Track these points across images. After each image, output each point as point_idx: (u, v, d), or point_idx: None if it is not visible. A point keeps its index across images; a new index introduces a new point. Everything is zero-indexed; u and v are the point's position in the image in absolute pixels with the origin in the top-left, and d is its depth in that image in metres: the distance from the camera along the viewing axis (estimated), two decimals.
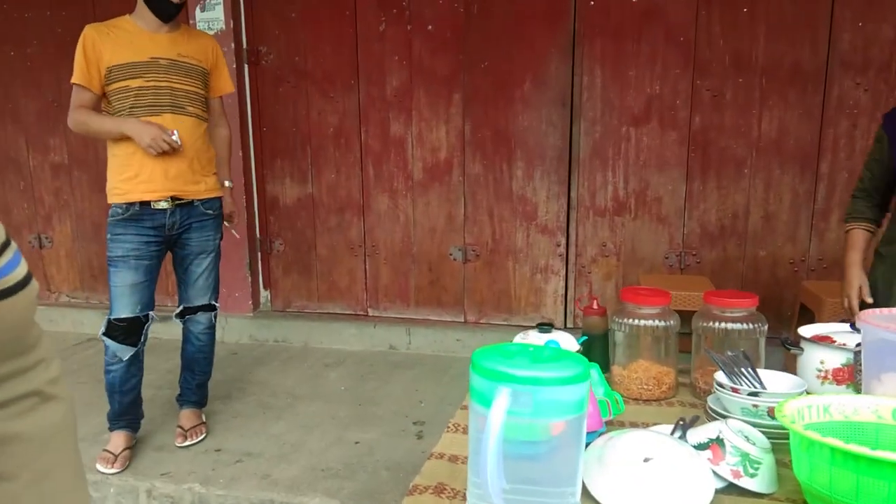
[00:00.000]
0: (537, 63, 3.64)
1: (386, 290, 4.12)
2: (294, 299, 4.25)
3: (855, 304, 2.06)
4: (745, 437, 1.18)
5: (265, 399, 3.26)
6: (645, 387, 1.62)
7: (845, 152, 3.37)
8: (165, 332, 3.95)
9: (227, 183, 2.81)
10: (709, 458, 1.15)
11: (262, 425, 2.97)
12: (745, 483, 1.12)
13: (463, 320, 4.03)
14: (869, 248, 2.19)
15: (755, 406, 1.30)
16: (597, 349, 1.83)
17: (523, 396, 0.90)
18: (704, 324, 1.62)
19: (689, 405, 1.58)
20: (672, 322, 1.64)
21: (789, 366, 1.76)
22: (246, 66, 4.00)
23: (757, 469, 1.13)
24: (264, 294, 4.28)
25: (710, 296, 1.62)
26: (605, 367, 1.73)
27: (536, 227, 3.84)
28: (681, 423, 1.30)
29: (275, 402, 3.22)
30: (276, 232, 4.19)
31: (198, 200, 2.62)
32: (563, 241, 3.82)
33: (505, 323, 3.96)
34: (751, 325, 1.58)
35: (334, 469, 2.56)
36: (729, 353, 1.48)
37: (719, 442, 1.16)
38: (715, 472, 1.13)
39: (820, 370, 1.58)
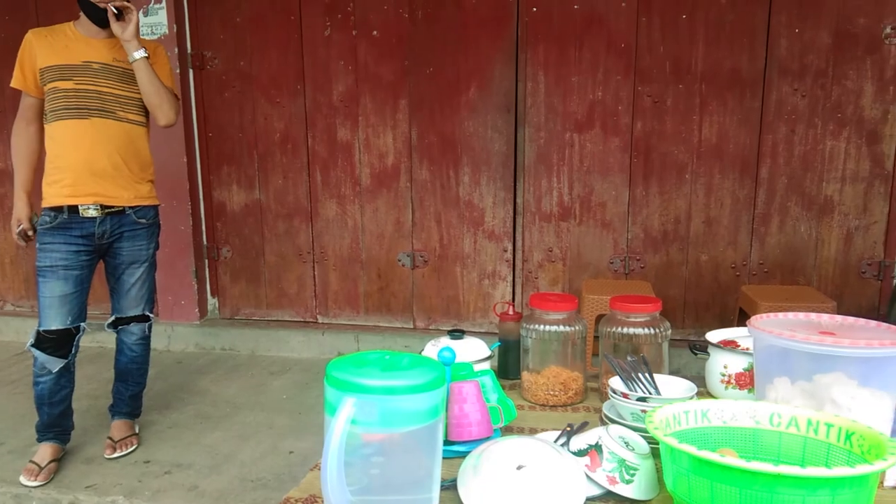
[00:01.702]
0: (482, 69, 3.64)
1: (335, 297, 4.08)
2: (242, 307, 4.20)
3: None
4: (625, 442, 1.17)
5: (204, 409, 3.21)
6: (551, 392, 1.61)
7: (784, 157, 3.42)
8: (110, 341, 3.87)
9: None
10: (587, 465, 1.14)
11: (196, 436, 2.92)
12: (620, 489, 1.12)
13: (412, 326, 4.01)
14: None
15: (643, 411, 1.30)
16: (512, 355, 1.83)
17: (369, 406, 0.89)
18: (609, 329, 1.62)
19: (594, 410, 1.58)
20: (578, 327, 1.64)
21: None
22: (190, 70, 3.95)
23: (633, 475, 1.13)
24: (212, 302, 4.22)
25: (615, 301, 1.62)
26: (519, 373, 1.73)
27: (484, 233, 3.84)
28: (567, 429, 1.30)
29: (214, 412, 3.17)
30: (223, 238, 4.14)
31: (129, 208, 2.57)
32: (510, 247, 3.83)
33: (454, 329, 3.93)
34: (653, 330, 1.58)
35: (264, 479, 2.52)
36: (629, 359, 1.48)
37: (597, 448, 1.16)
38: (591, 479, 1.13)
39: (724, 375, 1.59)
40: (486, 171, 3.77)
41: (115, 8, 2.42)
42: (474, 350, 1.70)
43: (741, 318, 3.30)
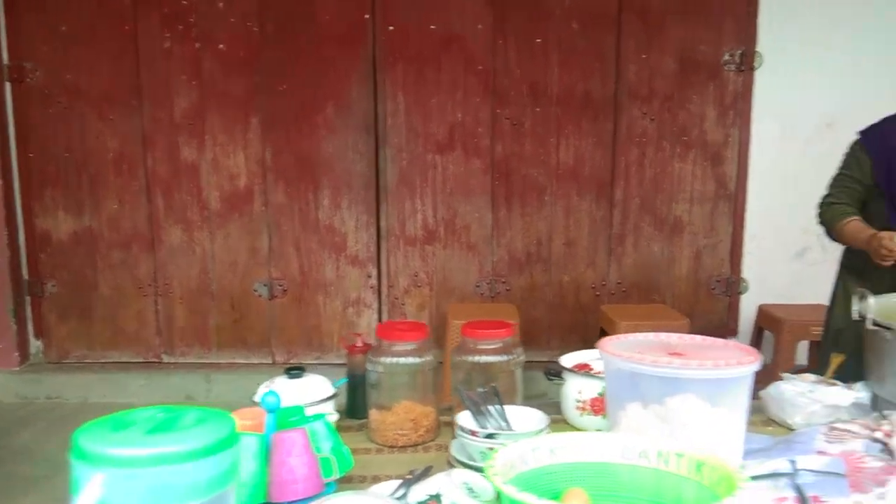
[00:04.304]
0: (340, 87, 3.49)
1: (182, 333, 3.72)
2: (72, 348, 3.72)
3: (889, 242, 1.66)
4: (469, 489, 1.03)
5: (18, 468, 2.77)
6: (401, 432, 1.45)
7: (636, 179, 3.52)
8: None
9: None
10: None
11: (7, 502, 2.49)
12: None
13: (271, 361, 3.72)
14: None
15: (491, 449, 1.17)
16: (362, 392, 1.65)
17: (128, 483, 0.68)
18: (461, 357, 1.48)
19: (446, 449, 1.43)
20: (429, 358, 1.49)
21: None
22: (8, 83, 3.50)
23: None
24: (35, 344, 3.71)
25: (467, 328, 1.50)
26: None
27: (346, 259, 3.65)
28: (409, 476, 1.14)
29: (29, 472, 2.73)
30: (48, 272, 3.66)
31: None
32: (375, 273, 3.66)
33: (317, 362, 3.70)
34: (506, 357, 1.46)
35: None
36: (480, 390, 1.35)
37: (437, 498, 1.01)
38: None
39: (579, 401, 1.50)
40: (347, 194, 3.59)
41: None
42: (315, 389, 1.50)
43: (602, 338, 3.33)
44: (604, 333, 3.30)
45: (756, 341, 3.43)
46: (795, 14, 3.31)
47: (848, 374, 1.54)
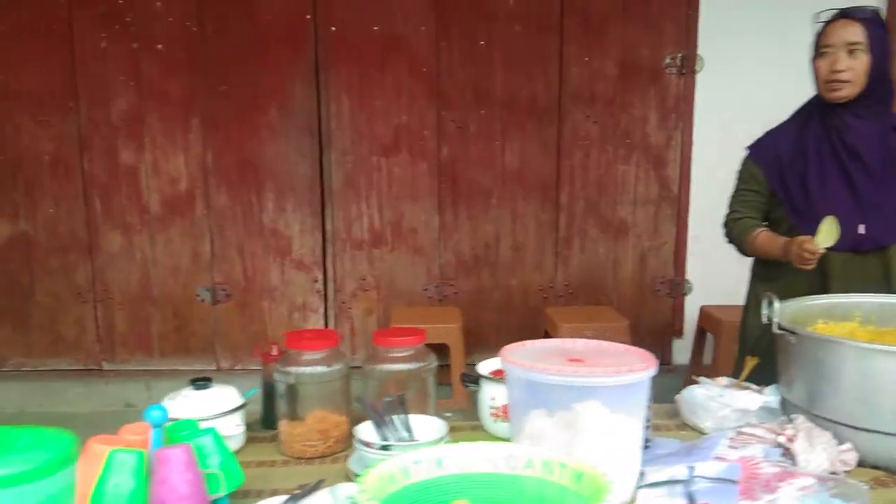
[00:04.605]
0: (282, 88, 3.44)
1: (124, 340, 3.63)
2: (8, 356, 3.60)
3: (810, 245, 1.60)
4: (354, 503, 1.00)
5: None
6: (309, 443, 1.42)
7: (581, 182, 3.53)
8: None
9: None
10: None
11: None
12: None
13: (216, 368, 3.65)
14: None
15: None
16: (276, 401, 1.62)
17: None
18: (371, 366, 1.46)
19: None
20: (338, 367, 1.47)
21: None
22: None
23: None
24: None
25: (377, 336, 1.47)
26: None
27: (292, 263, 3.60)
28: (297, 491, 1.11)
29: None
30: None
31: None
32: (321, 277, 3.62)
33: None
34: (417, 365, 1.44)
35: None
36: (386, 400, 1.33)
37: None
38: None
39: (493, 408, 1.49)
40: (291, 197, 3.54)
41: None
42: (221, 400, 1.47)
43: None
44: (548, 336, 3.31)
45: (699, 342, 3.47)
46: (734, 18, 3.36)
47: (764, 378, 1.55)
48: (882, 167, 1.69)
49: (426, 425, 1.32)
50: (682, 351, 3.62)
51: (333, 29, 3.38)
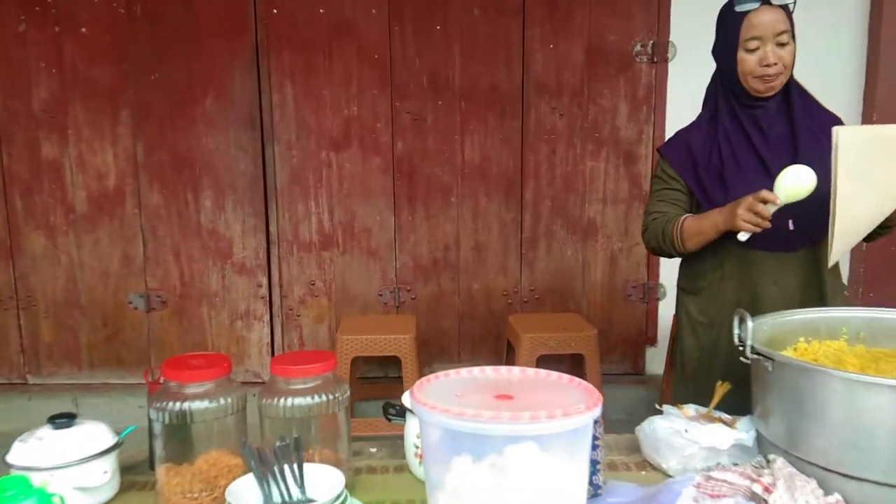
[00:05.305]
0: (219, 76, 3.15)
1: (49, 351, 3.32)
2: None
3: (768, 194, 1.40)
4: None
5: None
6: (190, 495, 1.14)
7: (546, 179, 3.28)
8: None
9: None
10: None
11: None
12: None
13: (151, 381, 3.35)
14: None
15: None
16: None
17: None
18: (267, 401, 1.18)
19: None
20: (230, 399, 1.19)
21: None
22: None
23: None
24: None
25: (275, 364, 1.19)
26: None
27: (233, 267, 3.31)
28: None
29: None
30: None
31: None
32: (265, 282, 3.33)
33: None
34: (325, 397, 1.17)
35: None
36: (277, 444, 1.06)
37: None
38: None
39: (417, 447, 1.23)
40: (231, 195, 3.26)
41: None
42: (86, 442, 1.21)
43: (509, 352, 3.08)
44: (510, 347, 3.05)
45: (674, 351, 3.22)
46: (709, 2, 3.09)
47: (728, 405, 1.32)
48: (806, 157, 1.47)
49: (324, 477, 1.05)
50: (655, 360, 3.37)
51: (275, 11, 3.10)
